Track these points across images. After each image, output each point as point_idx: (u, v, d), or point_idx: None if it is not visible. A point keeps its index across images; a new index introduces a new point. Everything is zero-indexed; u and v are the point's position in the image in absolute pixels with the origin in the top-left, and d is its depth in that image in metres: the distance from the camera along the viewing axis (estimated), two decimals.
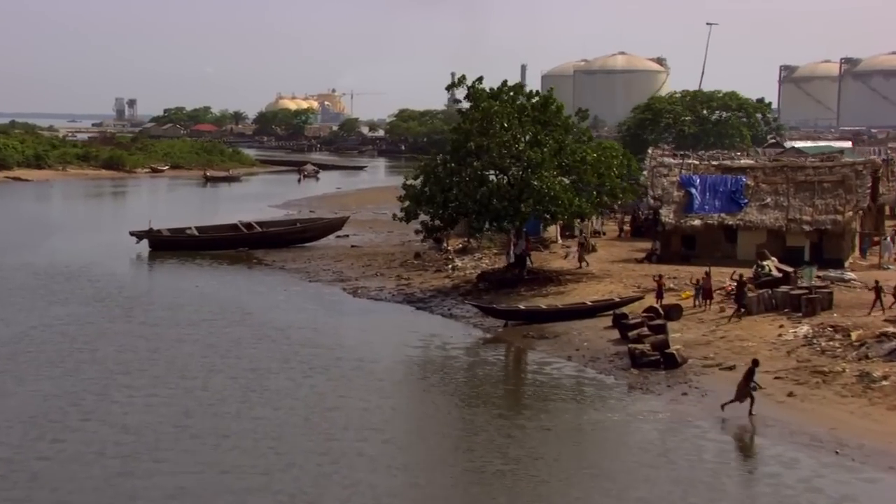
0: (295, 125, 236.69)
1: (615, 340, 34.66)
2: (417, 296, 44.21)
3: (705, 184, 47.52)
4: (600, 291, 41.40)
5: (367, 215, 78.62)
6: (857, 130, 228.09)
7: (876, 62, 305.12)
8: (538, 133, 43.37)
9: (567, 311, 38.13)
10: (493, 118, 42.88)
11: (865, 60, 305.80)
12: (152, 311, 41.17)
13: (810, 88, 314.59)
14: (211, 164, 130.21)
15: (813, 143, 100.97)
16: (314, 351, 34.65)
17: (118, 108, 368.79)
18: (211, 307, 42.14)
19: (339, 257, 55.53)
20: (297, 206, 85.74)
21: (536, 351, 34.66)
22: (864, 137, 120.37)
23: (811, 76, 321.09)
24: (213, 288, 46.93)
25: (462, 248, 52.89)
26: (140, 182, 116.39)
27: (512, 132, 42.96)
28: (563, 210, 42.19)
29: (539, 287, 42.83)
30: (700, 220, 46.61)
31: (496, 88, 44.95)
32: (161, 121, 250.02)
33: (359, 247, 59.44)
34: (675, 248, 47.30)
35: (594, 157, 43.34)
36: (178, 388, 29.84)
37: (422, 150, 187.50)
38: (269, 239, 59.30)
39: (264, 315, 40.81)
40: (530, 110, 44.26)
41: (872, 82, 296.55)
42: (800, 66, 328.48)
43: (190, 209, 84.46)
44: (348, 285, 47.05)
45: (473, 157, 43.79)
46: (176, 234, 59.32)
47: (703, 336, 34.07)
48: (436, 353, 35.53)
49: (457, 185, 43.03)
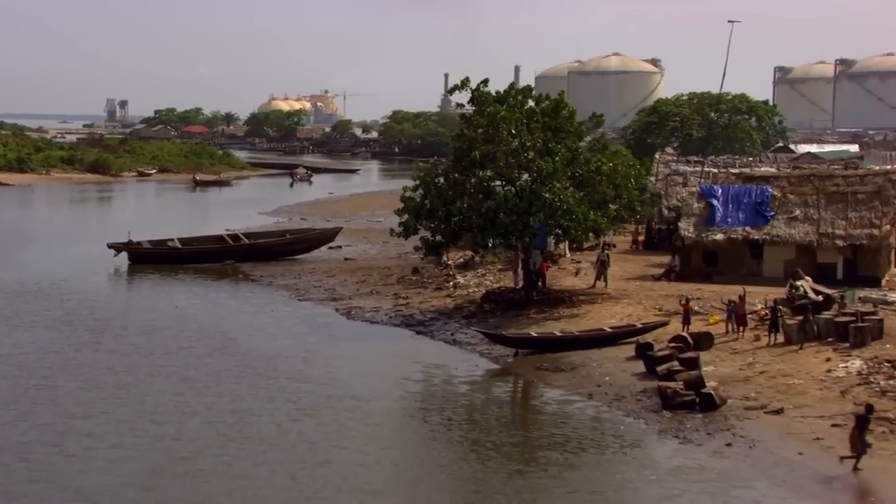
0: (287, 126, 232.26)
1: (641, 374, 30.69)
2: (417, 318, 40.20)
3: (728, 195, 43.58)
4: (618, 314, 37.46)
5: (360, 223, 74.60)
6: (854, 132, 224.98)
7: (871, 63, 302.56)
8: (549, 140, 39.40)
9: (584, 338, 34.18)
10: (499, 124, 38.90)
11: (860, 62, 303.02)
12: (125, 336, 37.09)
13: (805, 90, 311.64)
14: (200, 167, 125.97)
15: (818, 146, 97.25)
16: (303, 387, 30.65)
17: (109, 109, 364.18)
18: (191, 332, 38.11)
19: (331, 272, 51.50)
20: (288, 213, 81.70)
21: (553, 387, 30.65)
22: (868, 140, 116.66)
23: (806, 77, 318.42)
24: (194, 308, 42.85)
25: (463, 262, 48.86)
26: (126, 186, 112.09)
27: (520, 139, 38.99)
28: (576, 225, 38.21)
29: (550, 309, 38.86)
30: (723, 234, 42.66)
31: (502, 92, 41.00)
32: (151, 122, 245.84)
33: (353, 260, 55.39)
34: (695, 264, 43.36)
35: (610, 166, 39.38)
36: (147, 436, 25.81)
37: (416, 152, 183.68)
38: (256, 251, 55.26)
39: (249, 341, 36.80)
40: (540, 116, 40.29)
41: (868, 84, 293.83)
42: (794, 67, 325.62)
43: (177, 216, 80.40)
44: (341, 305, 43.01)
45: (478, 167, 39.87)
46: (157, 246, 55.20)
47: (740, 370, 30.12)
48: (440, 388, 31.53)
49: (460, 198, 39.05)
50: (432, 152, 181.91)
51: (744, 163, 61.45)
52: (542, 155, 39.02)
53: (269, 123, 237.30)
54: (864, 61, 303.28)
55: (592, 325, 36.35)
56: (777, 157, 74.45)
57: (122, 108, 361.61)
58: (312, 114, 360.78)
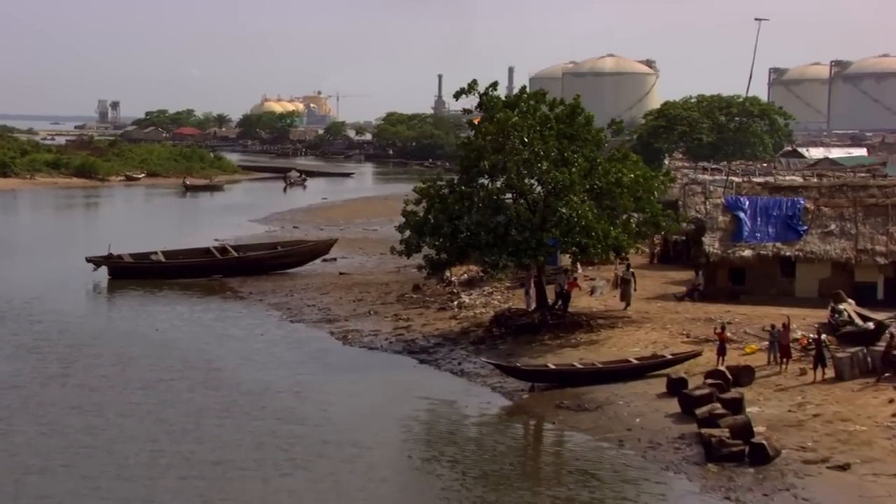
0: (280, 128, 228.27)
1: (676, 416, 26.97)
2: (420, 343, 36.45)
3: (756, 207, 39.93)
4: (642, 342, 33.78)
5: (356, 232, 70.84)
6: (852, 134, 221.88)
7: (866, 65, 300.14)
8: (564, 149, 35.69)
9: (608, 371, 30.47)
10: (510, 132, 35.20)
11: (856, 63, 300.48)
12: (98, 366, 33.29)
13: (800, 91, 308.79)
14: (190, 171, 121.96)
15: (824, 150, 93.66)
16: (296, 430, 26.93)
17: (101, 111, 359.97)
18: (171, 360, 34.35)
19: (325, 288, 47.71)
20: (280, 221, 77.85)
21: (577, 430, 26.90)
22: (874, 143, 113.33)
23: (801, 79, 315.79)
24: (176, 331, 39.04)
25: (468, 279, 45.09)
26: (113, 191, 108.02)
27: (533, 148, 35.29)
28: (596, 242, 34.48)
29: (566, 334, 35.17)
30: (751, 250, 39.01)
31: (513, 95, 37.31)
32: (142, 124, 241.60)
33: (348, 274, 51.61)
34: (720, 282, 39.72)
35: (631, 177, 35.68)
36: (112, 498, 22.08)
37: (410, 154, 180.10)
38: (245, 265, 51.47)
39: (236, 372, 33.05)
40: (554, 122, 36.58)
41: (863, 85, 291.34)
42: (789, 68, 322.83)
43: (165, 224, 76.55)
44: (337, 328, 39.24)
45: (487, 178, 36.20)
46: (139, 260, 51.35)
47: (790, 412, 26.41)
48: (449, 433, 27.71)
49: (467, 213, 35.31)
50: (427, 155, 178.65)
51: (764, 170, 57.79)
52: (558, 165, 35.32)
53: (261, 125, 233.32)
54: (860, 63, 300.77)
55: (615, 354, 32.65)
56: (790, 163, 70.85)
57: (113, 110, 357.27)
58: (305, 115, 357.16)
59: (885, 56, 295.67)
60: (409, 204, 37.49)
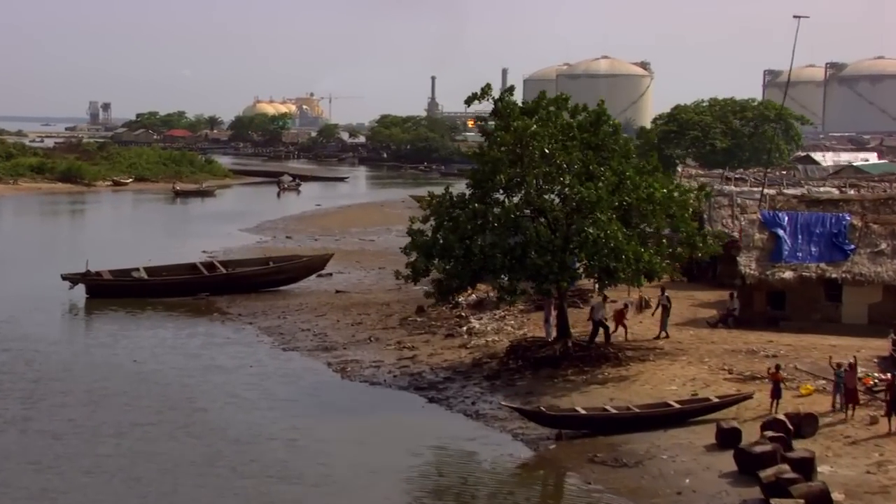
0: (272, 131, 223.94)
1: (732, 476, 22.97)
2: (427, 377, 32.41)
3: (796, 224, 36.04)
4: (679, 378, 29.79)
5: (352, 243, 66.81)
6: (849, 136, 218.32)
7: (862, 67, 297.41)
8: (589, 161, 31.70)
9: (646, 417, 26.49)
10: (529, 142, 31.21)
11: (851, 65, 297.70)
12: (65, 407, 29.22)
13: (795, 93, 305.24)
14: (180, 175, 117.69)
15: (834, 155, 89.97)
16: (290, 491, 22.97)
17: (92, 112, 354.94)
18: (150, 398, 30.32)
19: (321, 309, 43.65)
20: (272, 230, 73.74)
21: (616, 494, 22.87)
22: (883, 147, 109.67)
23: (795, 81, 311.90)
24: (157, 362, 34.93)
25: (477, 300, 41.00)
26: (100, 197, 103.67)
27: (555, 160, 31.30)
28: (626, 266, 30.49)
29: (592, 368, 31.18)
30: (792, 271, 35.10)
31: (532, 101, 33.29)
32: (133, 126, 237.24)
33: (346, 292, 47.53)
34: (758, 307, 35.81)
35: (663, 193, 31.71)
36: None
37: (405, 157, 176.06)
38: (235, 282, 47.35)
39: (222, 414, 29.04)
40: (577, 131, 32.61)
41: (859, 87, 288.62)
42: (784, 70, 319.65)
43: (151, 234, 72.46)
44: (335, 358, 35.18)
45: (503, 194, 32.21)
46: (120, 277, 47.16)
47: (869, 473, 22.42)
48: (467, 493, 23.72)
49: (481, 233, 31.26)
50: (422, 158, 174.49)
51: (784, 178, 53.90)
52: (582, 179, 31.34)
53: (253, 127, 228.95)
54: (855, 65, 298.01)
55: (650, 394, 28.67)
56: (807, 170, 67.00)
57: (104, 111, 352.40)
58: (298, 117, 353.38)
59: (881, 58, 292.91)
60: (415, 221, 33.43)
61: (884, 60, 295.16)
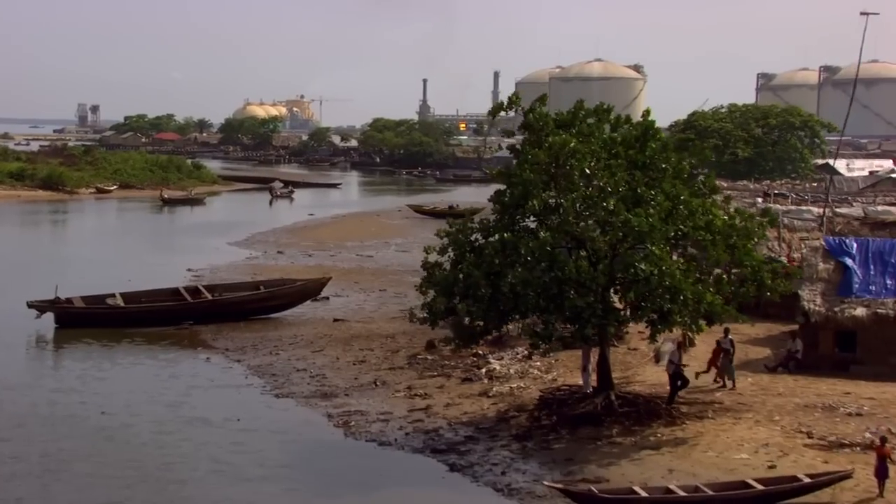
0: (262, 134, 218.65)
1: None
2: (445, 436, 27.28)
3: (866, 252, 31.11)
4: (748, 443, 24.75)
5: (349, 259, 61.73)
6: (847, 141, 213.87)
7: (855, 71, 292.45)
8: (638, 183, 26.69)
9: (723, 501, 21.51)
10: (568, 161, 26.21)
11: (845, 69, 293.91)
12: (13, 480, 24.01)
13: (788, 97, 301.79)
14: (166, 182, 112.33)
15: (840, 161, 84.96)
16: None
17: (81, 114, 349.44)
18: (118, 465, 25.20)
19: (318, 342, 38.56)
20: (263, 244, 68.57)
21: None
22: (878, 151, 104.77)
23: (789, 84, 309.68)
24: (128, 414, 29.66)
25: (496, 335, 35.84)
26: (82, 206, 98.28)
27: (599, 182, 26.30)
28: (683, 309, 25.48)
29: (640, 427, 26.16)
30: (865, 307, 30.13)
31: (568, 113, 28.25)
32: (121, 129, 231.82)
33: (345, 321, 42.43)
34: (824, 348, 30.84)
35: (724, 220, 26.73)
36: None
37: (399, 163, 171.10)
38: (221, 310, 42.24)
39: (203, 486, 23.99)
40: (621, 148, 27.62)
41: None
42: (777, 74, 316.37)
43: (134, 248, 67.29)
44: (336, 408, 30.00)
45: (535, 222, 27.16)
46: (93, 304, 41.92)
47: None
48: None
49: (510, 267, 26.17)
50: (416, 163, 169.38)
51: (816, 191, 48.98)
52: (629, 204, 26.32)
53: (243, 131, 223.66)
54: (849, 68, 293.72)
55: (716, 465, 23.66)
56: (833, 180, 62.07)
57: (93, 114, 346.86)
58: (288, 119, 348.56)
59: (875, 62, 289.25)
60: (431, 251, 28.30)
61: (879, 64, 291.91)
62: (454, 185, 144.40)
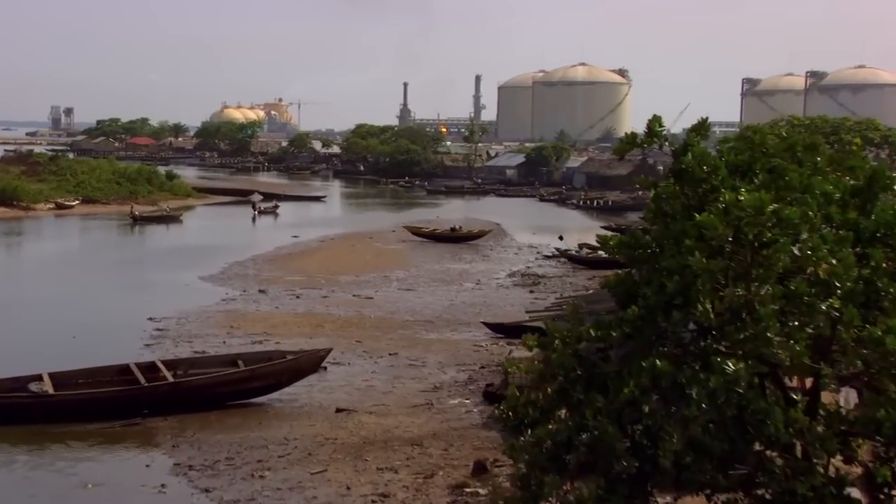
0: (240, 140, 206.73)
1: None
2: None
3: None
4: None
5: (345, 302, 50.37)
6: None
7: (842, 76, 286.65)
8: (877, 273, 15.45)
9: None
10: (764, 235, 14.99)
11: (831, 74, 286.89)
12: None
13: (774, 102, 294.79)
14: (135, 196, 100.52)
15: None
16: None
17: (54, 117, 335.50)
18: None
19: (317, 453, 27.09)
20: (242, 279, 57.14)
21: None
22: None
23: (775, 90, 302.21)
24: None
25: None
26: (39, 225, 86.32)
27: (814, 270, 15.04)
28: None
29: None
30: None
31: (746, 144, 16.99)
32: (93, 133, 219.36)
33: (351, 412, 30.98)
34: None
35: None
36: None
37: (384, 171, 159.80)
38: (186, 395, 30.80)
39: None
40: (836, 208, 16.39)
41: (840, 97, 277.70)
42: (762, 79, 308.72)
43: (87, 287, 55.70)
44: None
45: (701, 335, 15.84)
46: (11, 392, 30.25)
47: None
48: None
49: (668, 420, 14.89)
50: (402, 172, 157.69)
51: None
52: (857, 305, 15.09)
53: (220, 136, 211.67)
54: (836, 74, 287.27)
55: None
56: None
57: (67, 116, 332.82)
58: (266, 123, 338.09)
59: (861, 67, 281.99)
60: (515, 369, 16.89)
61: (865, 69, 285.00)
62: (445, 197, 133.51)
